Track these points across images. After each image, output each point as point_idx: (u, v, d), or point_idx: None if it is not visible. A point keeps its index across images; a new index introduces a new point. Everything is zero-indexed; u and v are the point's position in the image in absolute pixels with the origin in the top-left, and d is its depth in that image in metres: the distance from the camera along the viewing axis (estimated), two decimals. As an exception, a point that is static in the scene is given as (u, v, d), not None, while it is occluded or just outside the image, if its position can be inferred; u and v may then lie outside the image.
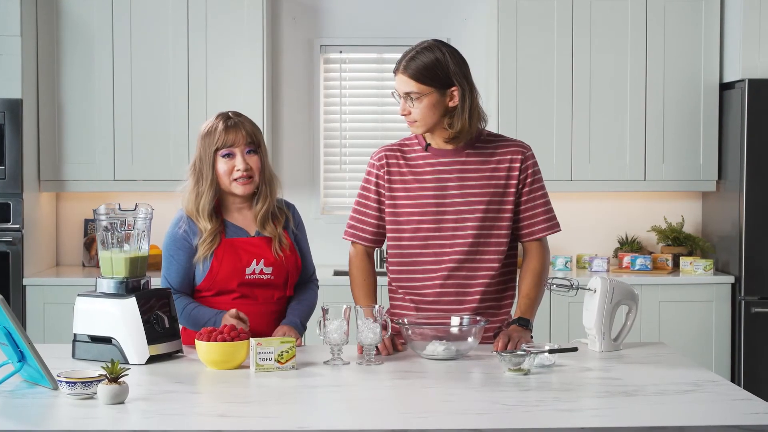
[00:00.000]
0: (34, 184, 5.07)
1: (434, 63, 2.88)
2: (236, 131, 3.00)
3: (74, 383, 2.33)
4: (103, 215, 2.80)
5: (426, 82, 2.88)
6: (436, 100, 2.90)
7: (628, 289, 2.98)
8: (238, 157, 2.99)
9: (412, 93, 2.89)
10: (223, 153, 2.99)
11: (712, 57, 5.19)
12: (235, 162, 2.99)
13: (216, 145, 2.99)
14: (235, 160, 2.99)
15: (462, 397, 2.39)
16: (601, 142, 5.21)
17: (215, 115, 3.06)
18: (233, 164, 2.99)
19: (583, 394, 2.45)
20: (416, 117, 2.92)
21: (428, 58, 2.88)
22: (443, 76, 2.89)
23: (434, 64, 2.88)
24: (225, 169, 2.99)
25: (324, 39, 5.50)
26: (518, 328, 2.92)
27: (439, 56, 2.89)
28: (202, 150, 3.01)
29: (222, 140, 2.98)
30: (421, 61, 2.88)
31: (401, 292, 3.05)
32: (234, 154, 2.99)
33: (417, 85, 2.88)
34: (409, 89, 2.89)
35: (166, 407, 2.30)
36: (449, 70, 2.90)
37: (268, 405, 2.35)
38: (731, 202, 5.10)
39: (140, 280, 2.80)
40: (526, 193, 3.01)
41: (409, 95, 2.90)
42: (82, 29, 5.08)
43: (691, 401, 2.37)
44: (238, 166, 2.99)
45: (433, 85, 2.89)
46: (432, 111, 2.91)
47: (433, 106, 2.91)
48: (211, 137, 3.00)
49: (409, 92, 2.89)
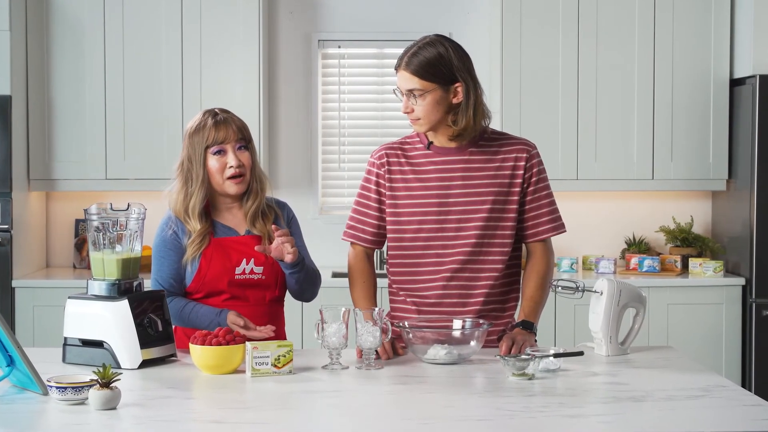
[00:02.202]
0: (24, 183, 5.07)
1: (437, 58, 2.88)
2: (227, 127, 3.00)
3: (65, 388, 2.33)
4: (95, 215, 2.80)
5: (429, 79, 2.88)
6: (439, 96, 2.90)
7: (635, 291, 2.98)
8: (229, 153, 2.99)
9: (415, 90, 2.89)
10: (214, 150, 2.99)
11: (722, 52, 5.18)
12: (227, 159, 2.99)
13: (207, 142, 2.99)
14: (226, 157, 2.99)
15: (464, 403, 2.39)
16: (607, 139, 5.21)
17: (201, 113, 3.05)
18: (225, 161, 2.99)
19: (589, 399, 2.45)
20: (420, 114, 2.92)
21: (431, 54, 2.88)
22: (447, 72, 2.89)
23: (437, 60, 2.88)
24: (217, 167, 2.99)
25: (322, 33, 5.50)
26: (522, 332, 2.93)
27: (442, 51, 2.89)
28: (190, 148, 3.01)
29: (213, 137, 2.98)
30: (424, 57, 2.88)
31: (402, 294, 3.05)
32: (225, 150, 2.99)
33: (420, 82, 2.88)
34: (412, 86, 2.89)
35: (160, 413, 2.30)
36: (453, 65, 2.90)
37: (265, 411, 2.35)
38: (742, 201, 5.10)
39: (133, 282, 2.80)
40: (530, 192, 3.01)
41: (412, 92, 2.89)
42: (73, 23, 5.08)
43: (700, 407, 2.37)
44: (230, 163, 2.99)
45: (437, 82, 2.89)
46: (436, 108, 2.91)
47: (436, 103, 2.90)
48: (200, 134, 2.99)
49: (412, 89, 2.89)
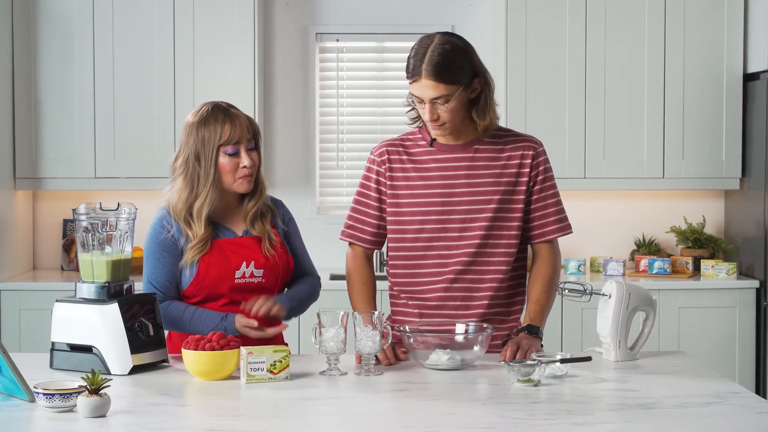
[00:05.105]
0: (9, 181, 5.07)
1: (458, 59, 2.85)
2: (240, 125, 2.95)
3: (52, 395, 2.33)
4: (83, 215, 2.80)
5: (455, 82, 2.85)
6: (463, 97, 2.89)
7: (645, 294, 2.98)
8: (243, 153, 2.95)
9: (441, 97, 2.84)
10: (230, 150, 2.94)
11: (735, 46, 5.19)
12: (240, 159, 2.95)
13: (221, 141, 2.93)
14: (239, 157, 2.95)
15: (467, 410, 2.39)
16: (616, 137, 5.21)
17: (208, 105, 2.98)
18: (237, 161, 2.95)
19: (597, 406, 2.46)
20: (446, 119, 2.89)
21: (451, 55, 2.84)
22: (468, 70, 2.88)
23: (459, 60, 2.85)
24: (229, 166, 2.95)
25: (320, 26, 5.50)
26: (528, 336, 2.93)
27: (458, 50, 2.86)
28: (199, 144, 2.94)
29: (228, 135, 2.92)
30: (445, 60, 2.83)
31: (403, 297, 3.05)
32: (239, 150, 2.96)
33: (447, 87, 2.84)
34: (437, 93, 2.84)
35: (151, 421, 2.30)
36: (473, 61, 2.89)
37: (260, 418, 2.35)
38: (756, 201, 5.10)
39: (123, 285, 2.80)
40: (537, 191, 3.01)
41: (437, 99, 2.85)
42: (61, 17, 5.08)
43: (712, 414, 2.37)
44: (244, 163, 2.94)
45: (461, 83, 2.86)
46: (460, 110, 2.90)
47: (461, 105, 2.89)
48: (211, 130, 2.93)
49: (438, 96, 2.84)
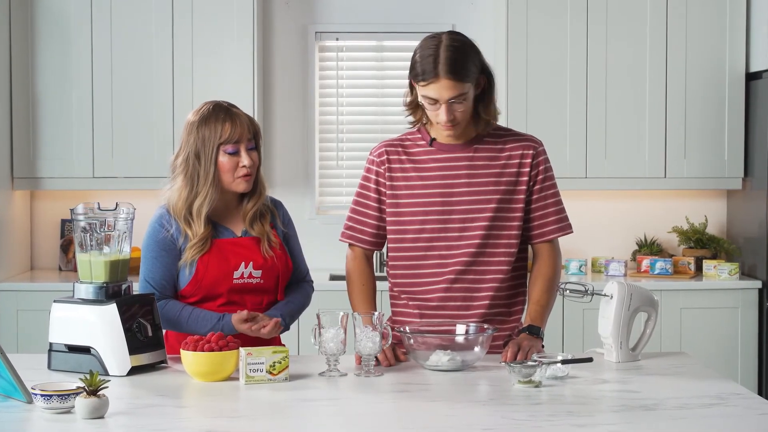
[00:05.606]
0: (7, 181, 5.07)
1: (472, 56, 2.87)
2: (241, 124, 2.96)
3: (50, 396, 2.33)
4: (81, 215, 2.80)
5: (470, 80, 2.87)
6: (472, 94, 2.91)
7: (647, 294, 2.98)
8: (243, 153, 2.96)
9: (460, 96, 2.85)
10: (230, 149, 2.95)
11: (737, 44, 5.19)
12: (240, 158, 2.96)
13: (221, 139, 2.94)
14: (239, 156, 2.96)
15: (468, 412, 2.39)
16: (617, 136, 5.21)
17: (209, 104, 3.00)
18: (237, 160, 2.96)
19: (599, 408, 2.46)
20: (460, 118, 2.91)
21: (465, 53, 2.85)
22: (478, 65, 2.90)
23: (473, 57, 2.87)
24: (229, 166, 2.96)
25: (319, 25, 5.50)
26: (529, 337, 2.93)
27: (470, 46, 2.88)
28: (200, 143, 2.96)
29: (228, 134, 2.94)
30: (462, 59, 2.84)
31: (403, 298, 3.05)
32: (239, 150, 2.97)
33: (465, 86, 2.85)
34: (456, 93, 2.84)
35: (149, 422, 2.30)
36: (480, 57, 2.91)
37: (259, 420, 2.35)
38: (758, 200, 5.10)
39: (121, 285, 2.80)
40: (537, 191, 3.01)
41: (455, 99, 2.85)
42: (59, 16, 5.07)
43: (715, 416, 2.37)
44: (244, 162, 2.96)
45: (473, 80, 2.88)
46: (470, 107, 2.92)
47: (470, 102, 2.91)
48: (212, 129, 2.94)
49: (457, 96, 2.85)
